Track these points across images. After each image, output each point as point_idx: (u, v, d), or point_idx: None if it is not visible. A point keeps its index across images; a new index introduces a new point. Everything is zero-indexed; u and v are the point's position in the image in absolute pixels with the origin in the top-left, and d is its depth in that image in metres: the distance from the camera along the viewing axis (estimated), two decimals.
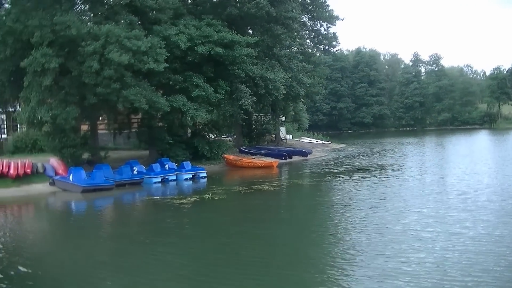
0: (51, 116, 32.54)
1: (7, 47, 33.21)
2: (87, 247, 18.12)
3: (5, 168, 33.13)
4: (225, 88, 39.70)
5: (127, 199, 31.30)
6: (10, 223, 24.36)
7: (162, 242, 18.25)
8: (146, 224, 22.81)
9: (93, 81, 32.47)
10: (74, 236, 20.85)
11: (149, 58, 33.56)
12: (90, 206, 29.05)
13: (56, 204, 30.40)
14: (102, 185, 31.99)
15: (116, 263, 15.60)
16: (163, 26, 37.18)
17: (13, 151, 44.21)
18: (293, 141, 68.56)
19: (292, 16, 48.66)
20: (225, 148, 46.29)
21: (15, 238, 20.24)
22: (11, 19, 32.64)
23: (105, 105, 36.00)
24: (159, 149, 40.81)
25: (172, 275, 14.25)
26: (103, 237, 20.43)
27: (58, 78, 33.12)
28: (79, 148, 36.18)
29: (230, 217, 24.15)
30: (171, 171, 36.42)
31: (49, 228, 23.43)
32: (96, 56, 32.41)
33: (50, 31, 32.19)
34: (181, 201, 27.16)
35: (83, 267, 15.42)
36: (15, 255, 17.09)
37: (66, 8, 33.82)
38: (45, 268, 15.83)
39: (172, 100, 36.47)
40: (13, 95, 37.05)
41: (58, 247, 18.90)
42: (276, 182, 34.84)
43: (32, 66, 31.65)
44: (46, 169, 34.64)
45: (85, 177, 32.30)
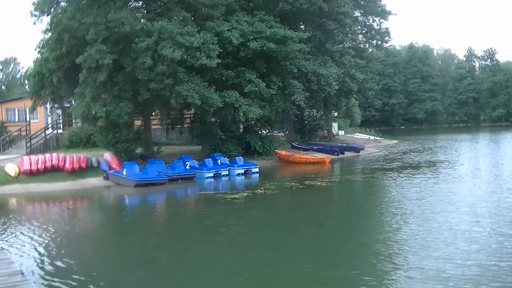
0: (105, 111, 33.05)
1: (63, 44, 33.88)
2: (139, 242, 18.31)
3: (61, 162, 33.91)
4: (277, 83, 39.61)
5: (179, 193, 31.46)
6: (65, 216, 24.79)
7: (214, 237, 18.22)
8: (198, 219, 22.86)
9: (146, 77, 32.86)
10: (127, 230, 21.11)
11: (202, 54, 33.71)
12: (143, 201, 29.35)
13: (109, 198, 30.83)
14: (155, 180, 32.33)
15: (167, 259, 15.55)
16: (216, 22, 37.33)
17: (68, 146, 45.13)
18: (345, 137, 68.18)
19: (345, 11, 48.38)
20: (277, 143, 46.21)
21: (69, 230, 20.61)
22: (67, 17, 33.19)
23: (158, 100, 36.39)
24: (211, 144, 41.03)
25: (223, 272, 14.13)
26: (155, 232, 20.51)
27: (112, 74, 33.56)
28: (132, 143, 36.69)
29: (282, 213, 23.98)
30: (224, 166, 36.61)
31: (102, 221, 23.70)
32: (149, 52, 32.79)
33: (104, 28, 32.66)
34: (233, 196, 27.17)
35: (134, 262, 15.53)
36: (68, 247, 17.46)
37: (120, 5, 34.29)
38: (97, 261, 16.10)
39: (225, 96, 36.59)
40: (69, 91, 37.70)
41: (110, 241, 19.24)
42: (328, 178, 34.53)
43: (87, 62, 32.22)
44: (101, 164, 35.24)
45: (138, 171, 32.73)
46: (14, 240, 18.43)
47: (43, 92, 38.70)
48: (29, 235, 19.34)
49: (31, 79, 39.96)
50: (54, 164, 33.85)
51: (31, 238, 18.83)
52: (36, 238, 18.89)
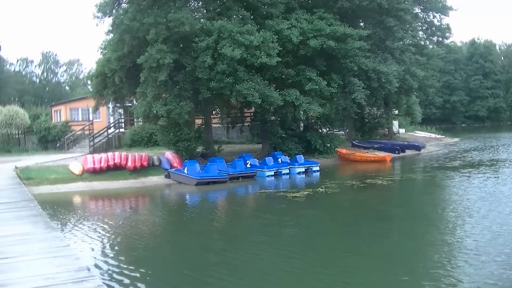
0: (166, 110, 33.43)
1: (124, 44, 34.45)
2: (200, 240, 18.34)
3: (123, 160, 34.44)
4: (337, 81, 39.28)
5: (240, 192, 31.53)
6: (127, 213, 25.18)
7: (275, 237, 18.08)
8: (259, 218, 22.74)
9: (206, 76, 33.11)
10: (188, 228, 21.23)
11: (262, 52, 33.71)
12: (203, 199, 29.42)
13: (171, 196, 31.06)
14: (216, 178, 32.49)
15: (227, 259, 15.37)
16: (275, 21, 37.25)
17: (130, 145, 45.94)
18: (406, 135, 67.44)
19: (405, 8, 47.73)
20: (338, 142, 45.93)
21: (132, 227, 20.81)
22: (128, 18, 33.71)
23: (218, 99, 36.66)
24: (272, 142, 41.05)
25: (281, 273, 13.89)
26: (215, 230, 20.57)
27: (172, 73, 33.93)
28: (193, 141, 37.00)
29: (343, 212, 23.74)
30: (284, 165, 36.52)
31: (164, 219, 23.82)
32: (209, 51, 33.03)
33: (164, 28, 33.05)
34: (294, 194, 27.04)
35: (194, 260, 15.55)
36: (131, 244, 17.68)
37: (180, 5, 34.59)
38: (158, 258, 16.15)
39: (285, 94, 36.44)
40: (130, 90, 38.33)
41: (172, 238, 19.32)
42: (389, 177, 34.13)
43: (148, 62, 32.66)
44: (162, 162, 35.60)
45: (199, 170, 32.92)
46: (79, 236, 18.73)
47: (106, 92, 39.49)
48: (94, 232, 19.65)
49: (94, 79, 40.84)
50: (117, 163, 34.40)
51: (95, 235, 19.14)
52: (100, 235, 19.19)
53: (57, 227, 14.62)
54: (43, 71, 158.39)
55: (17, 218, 14.80)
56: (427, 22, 62.71)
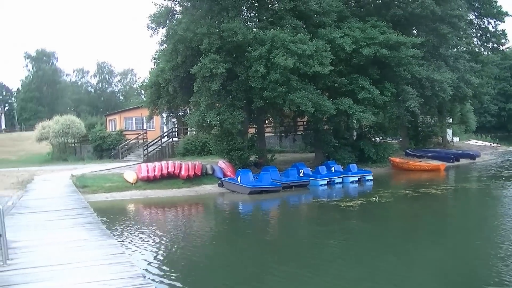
0: (219, 120, 33.66)
1: (178, 54, 34.82)
2: (253, 249, 18.43)
3: (177, 169, 34.80)
4: (391, 90, 38.86)
5: (293, 201, 31.50)
6: (181, 222, 25.39)
7: (328, 245, 17.99)
8: (312, 227, 22.72)
9: (259, 85, 33.21)
10: (241, 236, 21.37)
11: (315, 61, 33.58)
12: (257, 208, 29.54)
13: (224, 204, 31.19)
14: (269, 187, 32.51)
15: (280, 266, 15.38)
16: (328, 29, 37.12)
17: (183, 153, 46.44)
18: (460, 144, 66.46)
19: (458, 15, 47.10)
20: (391, 150, 45.60)
21: (185, 235, 21.00)
22: (182, 28, 34.05)
23: (271, 108, 36.72)
24: (325, 151, 40.92)
25: (336, 279, 13.84)
26: (269, 239, 20.64)
27: (226, 82, 34.14)
28: (246, 150, 37.17)
29: (397, 221, 23.47)
30: (337, 174, 36.36)
31: (217, 227, 23.98)
32: (262, 60, 33.12)
33: (218, 38, 33.32)
34: (348, 203, 26.90)
35: (249, 268, 15.56)
36: (185, 252, 17.82)
37: (232, 15, 34.73)
38: (213, 267, 16.26)
39: (338, 103, 36.26)
40: (184, 99, 38.64)
41: (225, 247, 19.38)
42: (443, 186, 33.67)
43: (201, 71, 32.94)
44: (215, 171, 35.86)
45: (252, 179, 32.97)
46: (134, 244, 18.99)
47: (160, 101, 39.91)
48: (148, 239, 19.93)
49: (148, 89, 41.33)
50: (170, 171, 34.78)
51: (149, 242, 19.40)
52: (154, 242, 19.46)
53: (112, 235, 14.80)
54: (98, 81, 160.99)
55: (74, 225, 15.09)
56: (481, 28, 61.84)
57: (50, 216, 17.12)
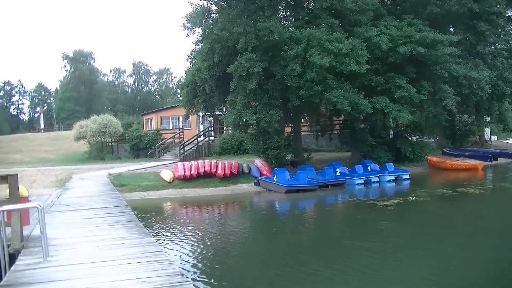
0: (255, 119, 33.74)
1: (215, 54, 35.03)
2: (290, 246, 18.42)
3: (213, 168, 35.01)
4: (427, 88, 38.43)
5: (329, 200, 31.39)
6: (218, 220, 25.56)
7: (364, 245, 17.79)
8: (349, 226, 22.62)
9: (295, 84, 33.19)
10: (278, 235, 21.40)
11: (351, 60, 33.45)
12: (293, 206, 29.50)
13: (260, 203, 31.24)
14: (306, 186, 32.49)
15: (315, 265, 15.23)
16: (364, 28, 36.92)
17: (219, 152, 46.65)
18: (498, 143, 65.71)
19: (497, 11, 46.43)
20: (428, 149, 45.04)
21: (222, 234, 21.07)
22: (218, 28, 34.22)
23: (307, 107, 36.67)
24: (361, 150, 40.73)
25: (372, 280, 13.69)
26: (305, 238, 20.66)
27: (262, 81, 34.20)
28: (282, 149, 37.14)
29: (435, 221, 23.17)
30: (374, 173, 36.18)
31: (254, 226, 24.08)
32: (298, 59, 33.12)
33: (254, 37, 33.39)
34: (384, 203, 26.72)
35: (286, 267, 15.48)
36: (222, 250, 17.90)
37: (268, 14, 34.80)
38: (251, 265, 16.25)
39: (375, 102, 35.98)
40: (220, 99, 38.81)
41: (262, 245, 19.43)
42: (481, 185, 33.26)
43: (238, 71, 33.06)
44: (251, 170, 35.98)
45: (289, 178, 33.01)
46: (171, 242, 19.16)
47: (196, 100, 40.07)
48: (185, 238, 20.08)
49: (184, 88, 41.51)
50: (207, 170, 35.01)
51: (187, 241, 19.55)
52: (191, 241, 19.62)
53: (150, 233, 14.96)
54: (134, 81, 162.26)
55: (112, 223, 15.15)
56: None
57: (89, 214, 17.23)
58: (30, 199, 15.22)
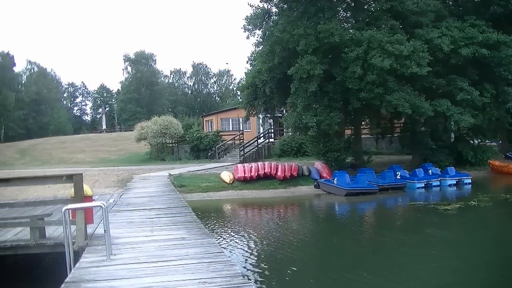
0: (316, 121, 33.69)
1: (275, 56, 35.16)
2: (350, 249, 18.38)
3: (273, 170, 35.16)
4: (490, 91, 37.59)
5: (390, 203, 31.16)
6: (277, 222, 25.53)
7: (425, 250, 17.53)
8: (409, 230, 22.38)
9: (356, 86, 33.03)
10: (338, 237, 21.32)
11: (412, 62, 33.05)
12: (353, 209, 29.38)
13: (320, 205, 31.20)
14: (366, 189, 32.36)
15: (375, 269, 15.26)
16: (425, 29, 36.40)
17: (279, 154, 46.79)
18: None
19: None
20: (490, 153, 44.08)
21: (282, 235, 21.09)
22: (278, 30, 34.37)
23: (368, 109, 36.46)
24: (421, 154, 40.18)
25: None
26: (364, 241, 20.57)
27: (322, 84, 34.12)
28: (343, 152, 37.04)
29: (498, 227, 22.83)
30: (435, 177, 35.68)
31: (314, 228, 24.06)
32: (359, 61, 32.94)
33: (314, 39, 33.38)
34: (445, 207, 26.34)
35: (347, 269, 15.47)
36: (282, 252, 17.87)
37: (329, 16, 34.72)
38: (311, 266, 16.31)
39: (436, 104, 35.36)
40: (281, 101, 38.99)
41: (322, 247, 19.42)
42: None
43: (298, 73, 33.11)
44: (311, 172, 35.99)
45: (349, 180, 32.88)
46: (231, 243, 19.37)
47: (256, 102, 40.32)
48: (246, 239, 20.27)
49: (245, 90, 41.76)
50: (267, 172, 35.18)
51: (247, 242, 19.72)
52: (252, 242, 19.76)
53: (210, 233, 15.16)
54: (194, 83, 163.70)
55: (173, 223, 15.34)
56: None
57: (150, 214, 17.50)
58: (93, 199, 15.59)
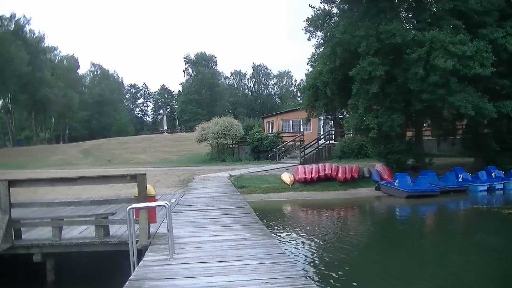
0: (377, 123, 33.47)
1: (336, 57, 34.99)
2: (410, 257, 18.08)
3: (334, 172, 35.12)
4: None
5: (452, 206, 30.75)
6: (338, 224, 25.63)
7: (487, 255, 17.24)
8: (471, 235, 22.06)
9: (418, 87, 32.59)
10: (398, 240, 21.15)
11: (475, 62, 32.44)
12: (414, 212, 29.15)
13: (381, 208, 31.09)
14: (427, 192, 32.02)
15: (433, 275, 15.07)
16: (489, 29, 35.67)
17: (340, 156, 46.65)
18: None
19: None
20: None
21: (343, 237, 21.08)
22: (339, 31, 34.25)
23: (430, 111, 35.94)
24: (484, 156, 39.31)
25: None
26: (426, 245, 20.39)
27: (383, 85, 33.83)
28: (404, 154, 36.60)
29: None
30: (498, 180, 35.03)
31: (374, 231, 23.97)
32: (421, 62, 32.48)
33: (375, 40, 33.11)
34: (509, 211, 26.00)
35: (406, 275, 15.43)
36: (343, 254, 17.84)
37: (390, 17, 34.39)
38: (372, 270, 16.20)
39: (500, 106, 34.49)
40: (341, 102, 38.83)
41: (383, 251, 19.29)
42: None
43: (360, 74, 32.93)
44: (372, 174, 35.81)
45: (410, 183, 32.61)
46: (293, 244, 19.43)
47: (317, 103, 40.13)
48: (307, 241, 20.24)
49: (306, 91, 41.66)
50: (327, 174, 35.17)
51: (308, 244, 19.69)
52: (313, 244, 19.74)
53: (272, 234, 15.25)
54: (255, 84, 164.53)
55: (234, 224, 15.50)
56: None
57: (211, 214, 17.72)
58: (156, 198, 15.89)
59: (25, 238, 14.53)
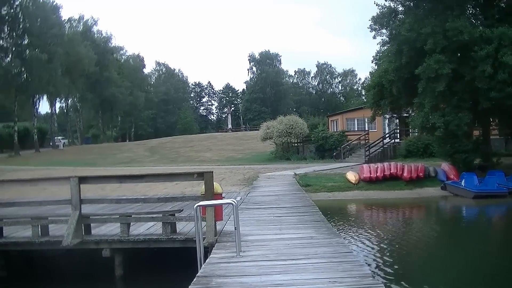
0: (443, 121, 32.95)
1: (402, 55, 34.57)
2: (477, 260, 17.53)
3: (399, 171, 34.79)
4: None
5: None
6: (404, 223, 25.35)
7: None
8: None
9: (486, 85, 31.91)
10: (460, 244, 20.55)
11: None
12: (481, 213, 28.65)
13: (446, 208, 30.75)
14: (495, 192, 31.21)
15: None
16: None
17: (405, 155, 46.10)
18: None
19: None
20: None
21: (409, 237, 20.92)
22: (405, 29, 33.85)
23: (498, 109, 35.21)
24: None
25: None
26: (493, 251, 19.75)
27: (450, 83, 33.26)
28: (470, 153, 35.87)
29: None
30: None
31: (441, 231, 23.54)
32: (489, 60, 31.81)
33: (442, 37, 32.57)
34: None
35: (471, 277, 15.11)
36: (410, 254, 17.82)
37: (457, 13, 33.80)
38: (440, 272, 15.76)
39: None
40: (407, 101, 38.31)
41: (449, 252, 18.81)
42: None
43: (426, 72, 32.40)
44: (438, 174, 35.26)
45: (477, 183, 31.95)
46: (359, 243, 19.29)
47: (383, 102, 39.79)
48: (374, 240, 20.12)
49: (371, 90, 41.34)
50: (393, 173, 34.85)
51: (375, 243, 19.56)
52: (380, 243, 19.60)
53: (339, 233, 15.19)
54: (319, 83, 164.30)
55: (300, 222, 15.47)
56: None
57: (277, 212, 17.73)
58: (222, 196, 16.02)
59: (94, 234, 14.92)
